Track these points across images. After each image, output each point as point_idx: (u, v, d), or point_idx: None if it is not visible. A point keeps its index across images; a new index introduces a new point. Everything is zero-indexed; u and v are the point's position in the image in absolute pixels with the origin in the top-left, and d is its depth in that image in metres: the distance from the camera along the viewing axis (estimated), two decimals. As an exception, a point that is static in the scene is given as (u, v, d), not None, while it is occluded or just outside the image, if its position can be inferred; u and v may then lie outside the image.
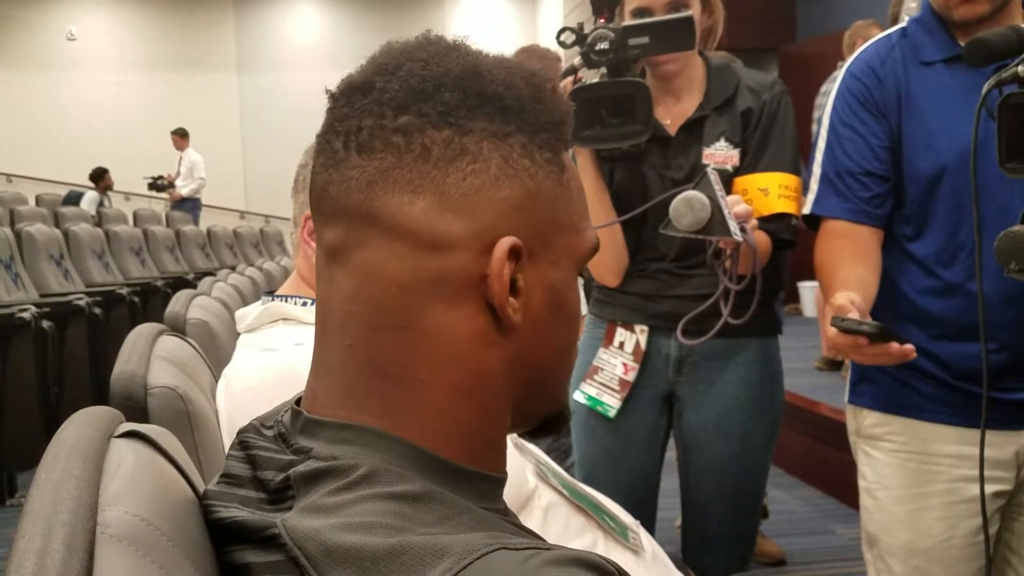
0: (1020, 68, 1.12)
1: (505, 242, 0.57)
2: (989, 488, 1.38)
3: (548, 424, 0.68)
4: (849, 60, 1.47)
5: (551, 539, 1.04)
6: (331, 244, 0.60)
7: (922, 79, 1.38)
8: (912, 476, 1.42)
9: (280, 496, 0.55)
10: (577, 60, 1.55)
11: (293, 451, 0.57)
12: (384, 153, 0.57)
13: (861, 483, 1.50)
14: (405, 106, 0.57)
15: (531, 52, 2.60)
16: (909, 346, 1.19)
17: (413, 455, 0.56)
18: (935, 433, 1.41)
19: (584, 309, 1.80)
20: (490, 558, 0.48)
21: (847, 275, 1.36)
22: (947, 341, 1.38)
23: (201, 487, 0.64)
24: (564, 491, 1.14)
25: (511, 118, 0.59)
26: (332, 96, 0.61)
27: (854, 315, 1.20)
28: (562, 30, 1.55)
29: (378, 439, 0.56)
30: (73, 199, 9.78)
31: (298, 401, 0.62)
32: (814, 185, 1.45)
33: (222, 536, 0.57)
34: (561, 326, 0.63)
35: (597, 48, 1.51)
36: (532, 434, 0.70)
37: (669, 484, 1.84)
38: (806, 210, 1.47)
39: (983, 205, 1.32)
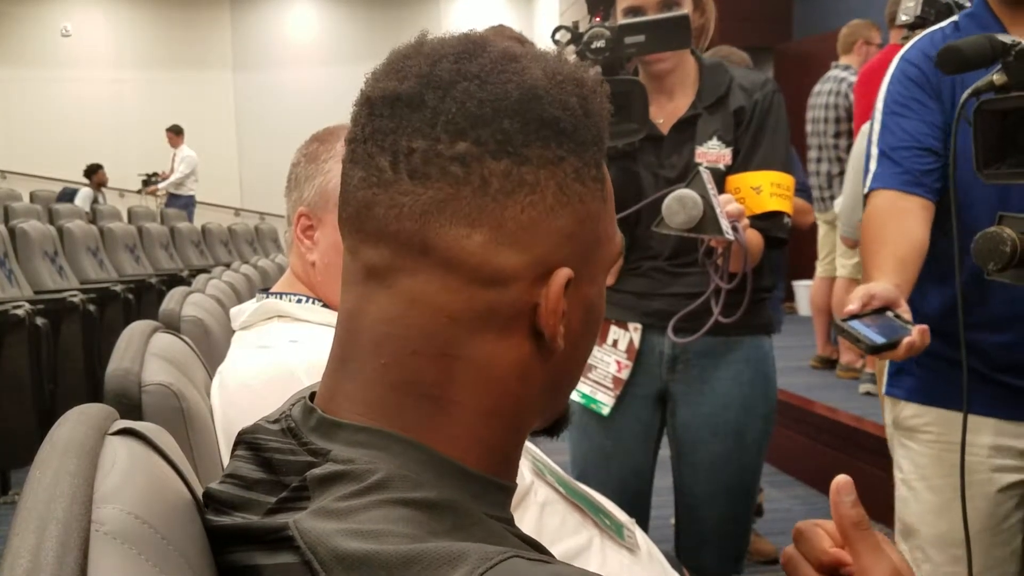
0: (995, 77, 1.13)
1: (562, 275, 0.57)
2: (1010, 477, 1.41)
3: (556, 424, 0.68)
4: (905, 47, 1.47)
5: (547, 536, 1.04)
6: (372, 264, 0.58)
7: (975, 73, 1.38)
8: (949, 467, 1.43)
9: (295, 496, 0.54)
10: (572, 59, 1.55)
11: (309, 452, 0.57)
12: (440, 183, 0.56)
13: (897, 475, 1.52)
14: (463, 132, 0.55)
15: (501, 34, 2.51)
16: (913, 338, 1.18)
17: (429, 460, 0.56)
18: (972, 424, 1.40)
19: None
20: (504, 566, 0.48)
21: (887, 256, 1.34)
22: (988, 331, 1.39)
23: (196, 484, 0.64)
24: (560, 488, 1.14)
25: (565, 141, 0.58)
26: (368, 101, 0.59)
27: (861, 324, 1.19)
28: (557, 29, 1.55)
29: (395, 443, 0.56)
30: (67, 196, 9.76)
31: (311, 396, 0.62)
32: (872, 165, 1.45)
33: (224, 536, 0.56)
34: (590, 337, 0.63)
35: (593, 47, 1.51)
36: (534, 434, 0.70)
37: (665, 483, 1.85)
38: (866, 189, 1.45)
39: (1013, 200, 1.33)
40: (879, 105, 1.46)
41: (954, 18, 1.45)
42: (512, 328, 0.57)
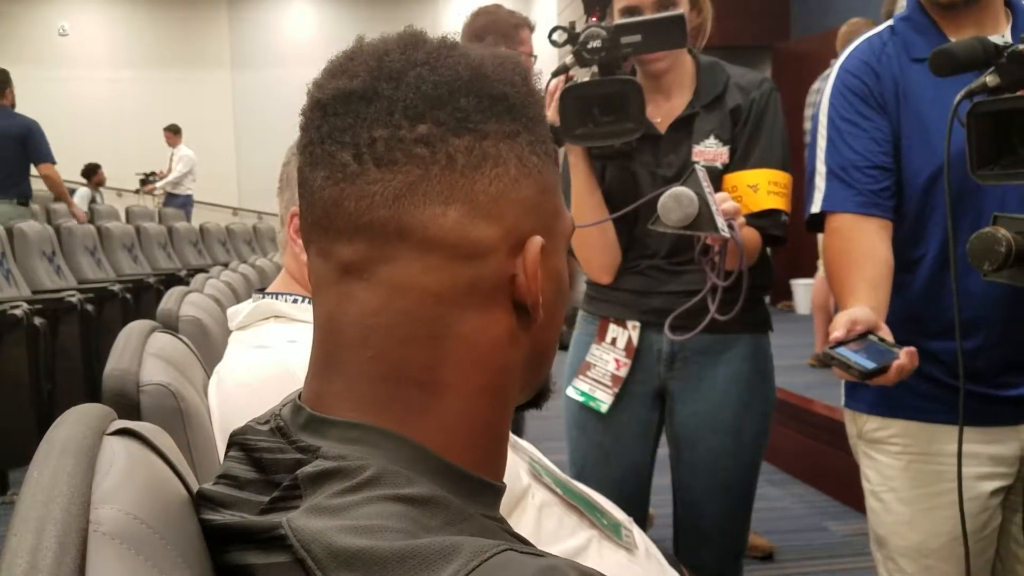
0: (988, 78, 1.14)
1: (536, 242, 0.59)
2: (990, 484, 1.40)
3: (538, 397, 0.68)
4: (841, 57, 1.47)
5: (545, 538, 1.04)
6: (348, 260, 0.58)
7: (916, 76, 1.38)
8: (918, 477, 1.42)
9: (287, 495, 0.54)
10: (569, 59, 1.55)
11: (298, 449, 0.56)
12: (408, 166, 0.56)
13: (866, 485, 1.50)
14: (421, 115, 0.57)
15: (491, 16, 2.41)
16: (903, 361, 1.18)
17: (420, 457, 0.56)
18: (938, 433, 1.41)
19: None
20: (498, 559, 0.48)
21: (857, 280, 1.33)
22: (944, 340, 1.38)
23: (194, 485, 0.64)
24: (558, 489, 1.14)
25: (517, 116, 0.59)
26: (319, 104, 0.59)
27: (849, 351, 1.18)
28: (554, 29, 1.55)
29: (387, 439, 0.56)
30: (65, 196, 9.73)
31: (298, 397, 0.62)
32: (820, 183, 1.43)
33: (219, 536, 0.56)
34: (561, 307, 0.65)
35: (589, 46, 1.51)
36: (520, 408, 0.71)
37: (664, 481, 1.85)
38: (816, 208, 1.44)
39: (981, 203, 1.33)
40: (823, 119, 1.44)
41: (889, 22, 1.44)
42: (494, 301, 0.59)
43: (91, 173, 10.04)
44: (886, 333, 1.24)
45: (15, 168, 5.54)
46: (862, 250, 1.36)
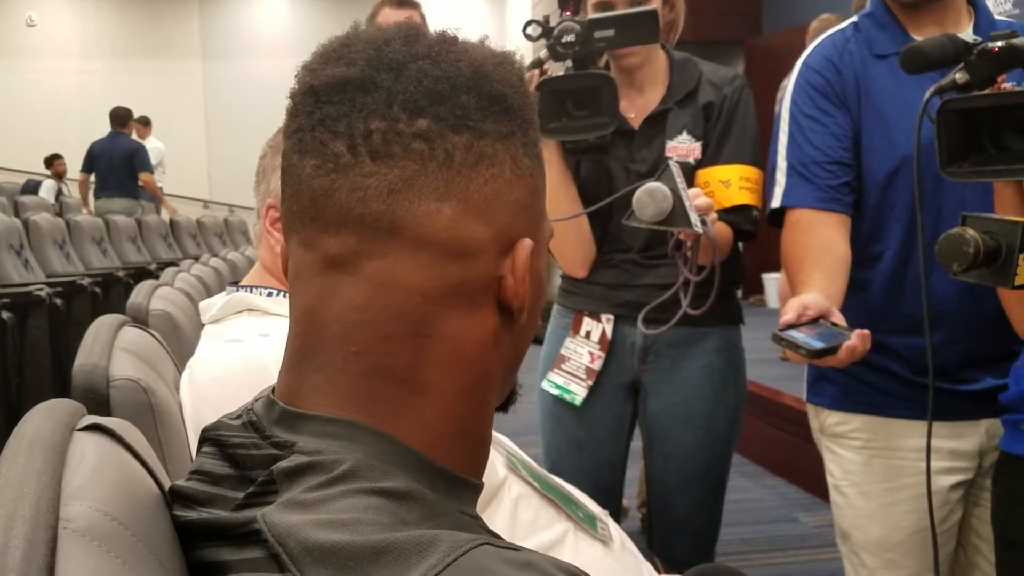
0: (958, 75, 1.15)
1: (526, 245, 0.59)
2: (951, 479, 1.41)
3: (506, 401, 0.68)
4: (805, 53, 1.48)
5: (521, 530, 1.05)
6: (335, 253, 0.57)
7: (877, 73, 1.40)
8: (879, 472, 1.43)
9: (263, 491, 0.54)
10: (544, 53, 1.55)
11: (273, 444, 0.56)
12: (405, 160, 0.55)
13: (829, 479, 1.51)
14: (421, 109, 0.55)
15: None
16: (854, 342, 1.17)
17: (397, 451, 0.56)
18: (899, 428, 1.42)
19: None
20: (475, 553, 0.48)
21: (813, 270, 1.34)
22: (905, 335, 1.39)
23: (165, 480, 0.63)
24: (534, 482, 1.14)
25: (514, 117, 0.59)
26: (312, 90, 0.57)
27: (799, 332, 1.19)
28: (528, 23, 1.55)
29: (363, 434, 0.56)
30: (31, 188, 9.62)
31: (272, 391, 0.61)
32: (781, 178, 1.44)
33: (193, 533, 0.56)
34: (539, 309, 0.64)
35: (563, 41, 1.51)
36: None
37: (635, 475, 1.86)
38: (775, 204, 1.44)
39: (941, 199, 1.34)
40: (784, 115, 1.45)
41: (853, 19, 1.46)
42: (480, 302, 0.58)
43: (49, 163, 9.95)
44: (838, 319, 1.24)
45: (127, 176, 8.28)
46: (820, 243, 1.37)
